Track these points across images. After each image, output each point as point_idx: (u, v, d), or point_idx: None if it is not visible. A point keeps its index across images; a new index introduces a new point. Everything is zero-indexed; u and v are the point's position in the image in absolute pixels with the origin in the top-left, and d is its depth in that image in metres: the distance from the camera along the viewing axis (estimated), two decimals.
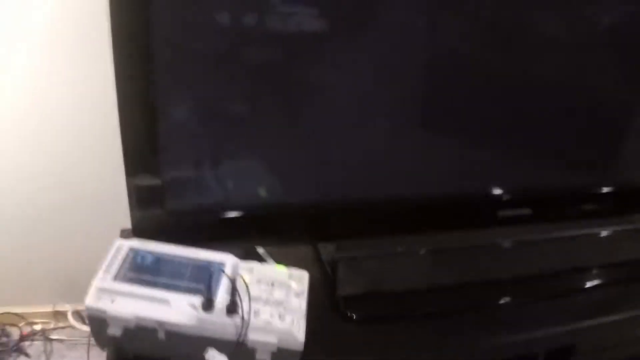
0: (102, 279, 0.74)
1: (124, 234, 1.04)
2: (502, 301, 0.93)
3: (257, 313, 0.72)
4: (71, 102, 1.13)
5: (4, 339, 1.41)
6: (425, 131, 0.91)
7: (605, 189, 1.04)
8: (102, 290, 0.73)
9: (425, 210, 0.93)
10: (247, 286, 0.71)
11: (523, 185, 0.98)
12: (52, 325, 1.46)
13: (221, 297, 0.73)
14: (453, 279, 0.94)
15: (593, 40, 0.94)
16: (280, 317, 0.72)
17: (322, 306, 0.85)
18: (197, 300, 0.72)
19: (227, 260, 0.80)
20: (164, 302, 0.72)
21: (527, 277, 0.98)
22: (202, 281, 0.75)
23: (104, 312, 0.71)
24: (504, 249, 1.00)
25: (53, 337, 1.45)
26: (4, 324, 1.44)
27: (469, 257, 0.97)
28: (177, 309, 0.72)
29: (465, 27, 0.86)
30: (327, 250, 0.92)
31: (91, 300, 0.72)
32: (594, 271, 1.04)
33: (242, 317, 0.69)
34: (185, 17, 0.75)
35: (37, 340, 1.44)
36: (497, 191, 0.96)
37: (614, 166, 1.07)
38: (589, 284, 1.01)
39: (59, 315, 1.46)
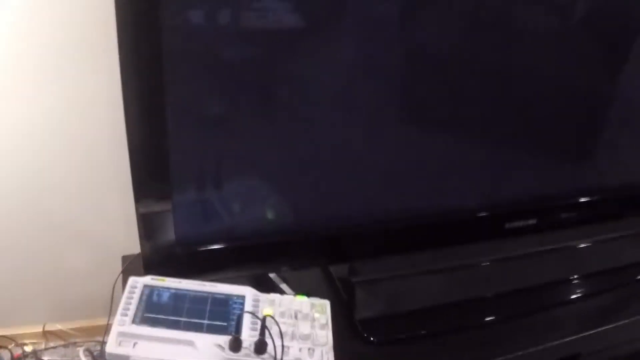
0: (121, 322, 0.72)
1: (127, 262, 1.03)
2: (515, 314, 0.94)
3: (286, 349, 0.71)
4: (75, 119, 1.09)
5: None
6: (432, 146, 0.90)
7: (608, 193, 1.06)
8: (122, 335, 0.71)
9: (435, 226, 0.93)
10: (277, 324, 0.70)
11: (528, 196, 0.99)
12: (43, 346, 1.43)
13: (247, 335, 0.72)
14: (458, 296, 0.95)
15: (604, 40, 0.94)
16: (310, 352, 0.72)
17: (339, 329, 0.85)
18: (224, 339, 0.71)
19: (246, 293, 0.78)
20: (189, 343, 0.71)
21: (534, 288, 1.00)
22: (225, 318, 0.74)
23: (127, 357, 0.69)
24: (513, 261, 1.00)
25: (45, 357, 1.41)
26: None
27: (478, 272, 0.98)
28: (203, 351, 0.70)
29: (467, 25, 0.85)
30: (339, 272, 0.91)
31: (112, 347, 0.70)
32: (596, 278, 1.06)
33: (275, 357, 0.68)
34: (199, 33, 0.73)
35: None
36: (504, 204, 0.97)
37: (618, 168, 1.09)
38: (590, 291, 1.03)
39: (49, 334, 1.42)
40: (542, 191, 1.00)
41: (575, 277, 1.06)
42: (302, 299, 0.78)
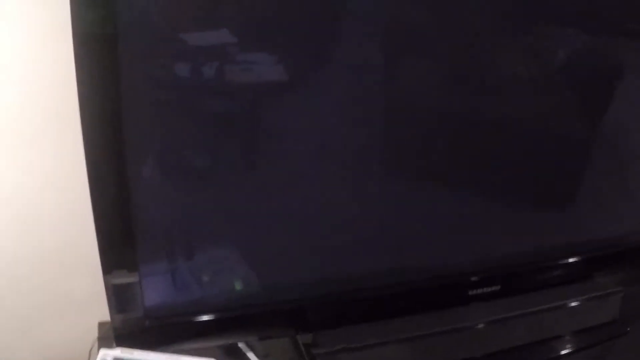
0: None
1: (103, 328, 1.06)
2: None
3: None
4: (46, 189, 1.12)
5: None
6: (399, 217, 0.94)
7: (572, 257, 1.10)
8: None
9: (402, 295, 0.97)
10: None
11: (492, 264, 1.02)
12: None
13: None
14: None
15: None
16: None
17: None
18: None
19: None
20: None
21: (506, 352, 1.03)
22: None
23: None
24: (479, 327, 1.03)
25: None
26: None
27: (444, 340, 1.00)
28: None
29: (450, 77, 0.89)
30: (306, 339, 0.93)
31: None
32: (566, 339, 1.09)
33: None
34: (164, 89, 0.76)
35: None
36: (467, 273, 1.00)
37: (583, 229, 1.12)
38: (563, 352, 1.06)
39: None
40: (507, 259, 1.03)
41: (545, 339, 1.08)
42: None
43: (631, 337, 1.14)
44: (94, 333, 1.05)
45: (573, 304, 1.10)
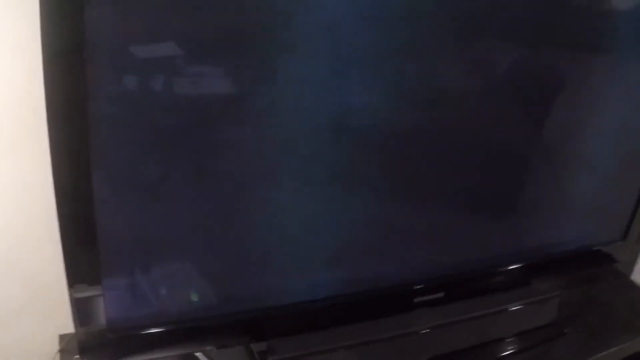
0: None
1: (64, 340, 1.09)
2: None
3: None
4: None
5: None
6: (347, 227, 0.99)
7: (511, 264, 1.17)
8: None
9: (352, 304, 1.03)
10: None
11: (435, 272, 1.09)
12: None
13: None
14: None
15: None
16: None
17: None
18: None
19: None
20: None
21: (451, 355, 1.10)
22: None
23: None
24: (425, 332, 1.09)
25: None
26: None
27: (393, 345, 1.06)
28: None
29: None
30: (260, 348, 0.98)
31: None
32: (508, 341, 1.17)
33: None
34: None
35: None
36: (412, 281, 1.06)
37: (518, 240, 1.19)
38: (505, 354, 1.14)
39: None
40: (449, 268, 1.10)
41: (487, 342, 1.15)
42: None
43: (569, 338, 1.23)
44: (55, 344, 1.08)
45: (513, 308, 1.18)
